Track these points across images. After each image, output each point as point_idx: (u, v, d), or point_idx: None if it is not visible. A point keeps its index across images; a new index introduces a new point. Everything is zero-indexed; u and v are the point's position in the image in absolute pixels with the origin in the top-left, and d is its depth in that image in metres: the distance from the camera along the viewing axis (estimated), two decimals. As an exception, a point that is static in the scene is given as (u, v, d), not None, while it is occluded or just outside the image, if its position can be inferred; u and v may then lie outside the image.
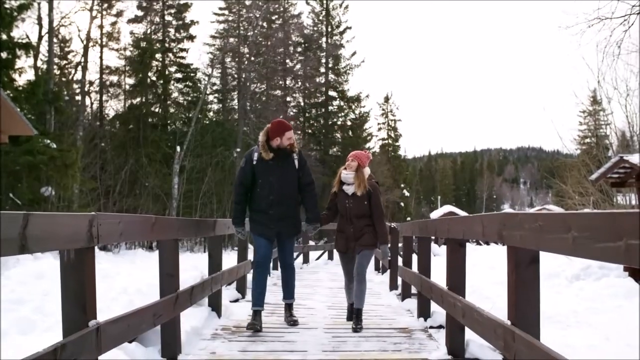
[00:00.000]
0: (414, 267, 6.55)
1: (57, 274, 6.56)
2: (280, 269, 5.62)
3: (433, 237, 6.61)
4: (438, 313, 5.41)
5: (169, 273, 4.09)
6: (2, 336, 3.76)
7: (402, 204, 46.59)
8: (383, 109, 48.49)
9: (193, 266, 7.39)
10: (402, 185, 48.19)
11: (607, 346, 4.87)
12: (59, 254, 2.72)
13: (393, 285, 8.64)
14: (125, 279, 6.72)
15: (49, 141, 16.24)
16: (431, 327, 5.47)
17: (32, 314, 4.79)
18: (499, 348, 2.83)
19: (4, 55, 15.93)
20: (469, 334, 4.17)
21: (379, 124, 48.21)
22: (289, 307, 5.58)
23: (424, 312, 5.74)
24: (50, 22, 21.55)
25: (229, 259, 9.44)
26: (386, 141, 48.59)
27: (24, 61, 30.10)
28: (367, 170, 5.47)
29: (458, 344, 4.20)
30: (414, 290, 6.68)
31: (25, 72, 18.71)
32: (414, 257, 7.19)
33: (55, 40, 24.17)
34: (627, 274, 10.89)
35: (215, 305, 5.79)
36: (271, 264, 9.78)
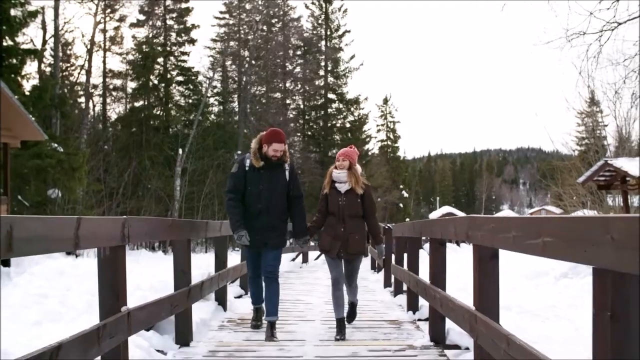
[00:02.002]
0: (405, 265, 7.05)
1: (76, 271, 7.07)
2: (263, 279, 5.24)
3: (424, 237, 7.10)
4: (425, 307, 5.89)
5: (182, 270, 4.62)
6: (37, 324, 4.26)
7: (401, 205, 47.06)
8: (382, 111, 49.02)
9: (197, 266, 7.84)
10: (401, 187, 48.70)
11: (576, 336, 5.37)
12: (95, 251, 3.21)
13: (387, 283, 9.13)
14: (136, 277, 7.20)
15: (56, 145, 16.77)
16: (419, 320, 5.96)
17: (58, 307, 5.30)
18: (466, 330, 3.34)
19: (13, 61, 16.47)
20: (450, 324, 4.69)
21: (377, 125, 48.73)
22: (271, 326, 5.08)
23: (412, 306, 6.25)
24: (56, 28, 22.05)
25: (231, 258, 9.95)
26: (385, 142, 49.09)
27: (28, 65, 30.67)
28: (358, 168, 5.30)
29: (439, 332, 4.71)
30: (405, 287, 7.18)
31: (32, 77, 19.26)
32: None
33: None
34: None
35: (221, 300, 6.32)
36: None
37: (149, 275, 7.63)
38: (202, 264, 8.56)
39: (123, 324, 3.08)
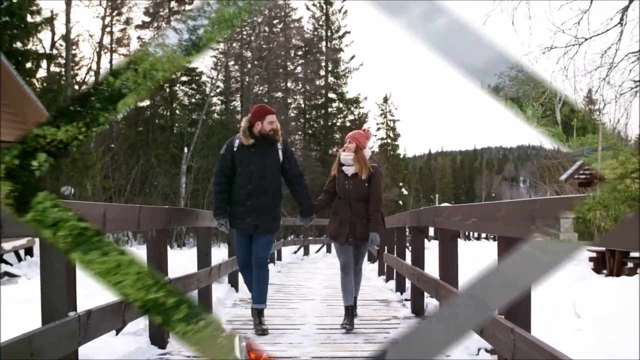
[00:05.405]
0: (395, 253, 7.97)
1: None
2: (253, 266, 4.93)
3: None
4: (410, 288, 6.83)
5: (204, 252, 5.54)
6: (92, 295, 5.12)
7: (400, 202, 47.93)
8: (382, 110, 49.85)
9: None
10: (401, 184, 49.59)
11: (539, 313, 6.28)
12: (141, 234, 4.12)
13: (381, 272, 10.07)
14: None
15: (69, 144, 17.65)
16: (405, 300, 6.87)
17: (97, 285, 6.17)
18: (433, 295, 4.25)
19: (28, 65, 17.37)
20: (427, 300, 5.61)
21: (377, 124, 49.57)
22: (258, 314, 4.89)
23: (400, 287, 7.17)
24: (68, 32, 22.96)
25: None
26: (385, 141, 49.95)
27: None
28: (367, 152, 5.12)
29: (419, 306, 5.63)
30: (395, 273, 8.10)
31: (43, 80, 20.16)
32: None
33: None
34: (592, 264, 12.38)
35: (234, 283, 7.24)
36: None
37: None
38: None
39: (166, 289, 3.99)
